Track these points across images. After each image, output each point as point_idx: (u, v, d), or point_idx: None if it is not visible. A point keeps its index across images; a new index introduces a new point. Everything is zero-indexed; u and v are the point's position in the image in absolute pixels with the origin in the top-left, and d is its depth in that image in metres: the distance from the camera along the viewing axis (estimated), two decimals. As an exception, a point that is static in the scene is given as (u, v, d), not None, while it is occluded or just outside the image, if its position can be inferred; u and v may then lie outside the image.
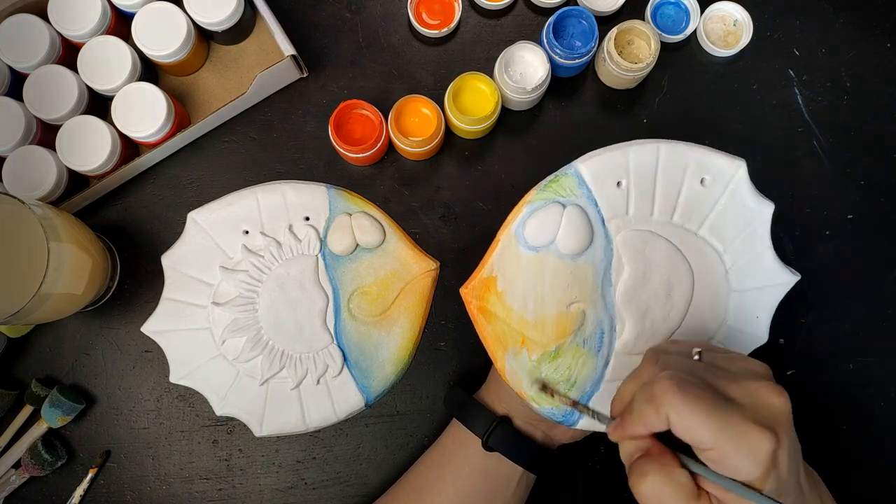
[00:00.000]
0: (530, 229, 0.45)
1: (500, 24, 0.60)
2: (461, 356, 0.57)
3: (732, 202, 0.46)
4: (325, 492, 0.56)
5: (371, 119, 0.56)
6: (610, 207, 0.45)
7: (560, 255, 0.45)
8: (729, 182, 0.45)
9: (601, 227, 0.45)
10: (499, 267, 0.46)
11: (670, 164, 0.45)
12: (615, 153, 0.45)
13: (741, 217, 0.46)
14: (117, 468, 0.56)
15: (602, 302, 0.45)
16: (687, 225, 0.46)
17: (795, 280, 0.46)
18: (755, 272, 0.46)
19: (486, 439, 0.48)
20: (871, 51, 0.60)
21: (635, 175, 0.45)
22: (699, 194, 0.46)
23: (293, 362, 0.53)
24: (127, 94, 0.53)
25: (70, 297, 0.49)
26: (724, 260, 0.46)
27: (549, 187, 0.45)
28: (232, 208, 0.54)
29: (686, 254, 0.45)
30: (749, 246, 0.46)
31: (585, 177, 0.45)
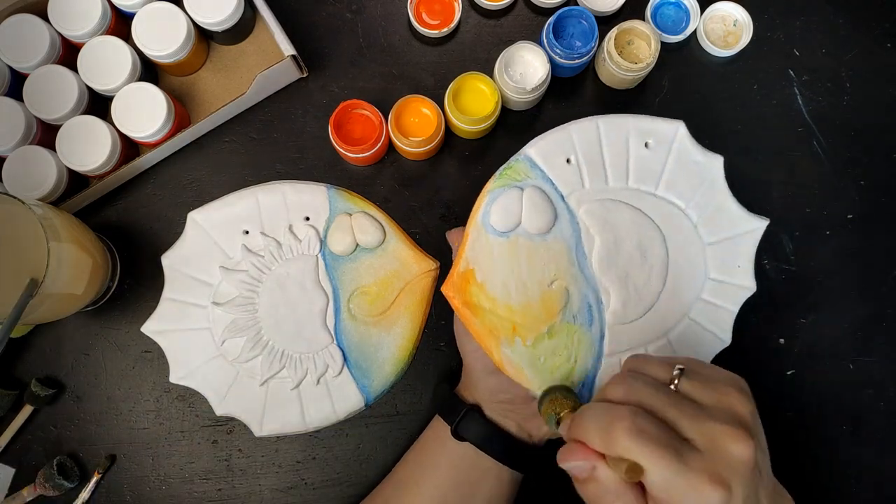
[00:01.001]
0: (495, 216, 0.47)
1: (500, 24, 0.60)
2: (460, 356, 0.57)
3: (681, 160, 0.48)
4: (325, 492, 0.56)
5: (371, 119, 0.56)
6: (566, 183, 0.48)
7: (529, 235, 0.47)
8: (672, 141, 0.48)
9: (562, 203, 0.47)
10: (473, 259, 0.47)
11: (611, 134, 0.48)
12: (558, 134, 0.48)
13: (693, 173, 0.48)
14: (117, 468, 0.56)
15: (581, 276, 0.47)
16: (643, 187, 0.48)
17: (764, 224, 0.48)
18: (723, 222, 0.48)
19: (455, 427, 0.48)
20: (871, 51, 0.60)
21: (581, 150, 0.48)
22: (646, 157, 0.48)
23: (293, 362, 0.53)
24: (127, 94, 0.53)
25: (70, 297, 0.49)
26: (688, 215, 0.48)
27: (504, 174, 0.48)
28: (232, 208, 0.54)
29: (650, 214, 0.48)
30: (709, 198, 0.48)
31: (536, 159, 0.48)
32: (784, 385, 0.57)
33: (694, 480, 0.30)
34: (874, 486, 0.56)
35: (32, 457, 0.56)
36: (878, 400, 0.57)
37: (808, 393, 0.57)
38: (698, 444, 0.31)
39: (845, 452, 0.56)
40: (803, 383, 0.57)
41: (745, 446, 0.31)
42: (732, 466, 0.31)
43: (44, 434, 0.56)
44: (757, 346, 0.57)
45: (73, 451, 0.56)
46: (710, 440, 0.31)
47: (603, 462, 0.32)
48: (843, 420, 0.56)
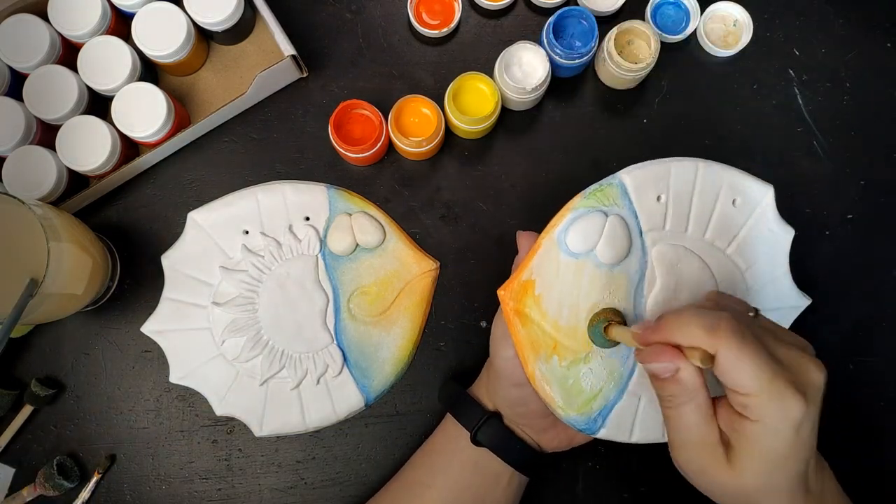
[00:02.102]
0: (573, 236, 0.45)
1: (500, 24, 0.60)
2: (461, 356, 0.57)
3: (759, 225, 0.47)
4: (325, 492, 0.56)
5: (371, 119, 0.56)
6: (648, 220, 0.46)
7: (598, 263, 0.45)
8: (757, 206, 0.47)
9: (638, 239, 0.46)
10: (538, 271, 0.46)
11: (706, 183, 0.47)
12: (658, 167, 0.46)
13: (765, 240, 0.47)
14: (117, 468, 0.56)
15: (633, 312, 0.46)
16: (717, 243, 0.47)
17: (806, 304, 0.48)
18: (772, 293, 0.48)
19: (474, 434, 0.48)
20: (871, 51, 0.60)
21: (674, 191, 0.46)
22: (730, 214, 0.47)
23: (293, 362, 0.53)
24: (127, 94, 0.53)
25: (70, 297, 0.49)
26: (745, 278, 0.47)
27: (593, 195, 0.46)
28: (232, 208, 0.54)
29: (714, 271, 0.47)
30: (770, 268, 0.48)
31: (629, 188, 0.46)
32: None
33: (781, 387, 0.33)
34: (874, 486, 0.56)
35: (32, 457, 0.56)
36: (879, 400, 0.57)
37: (808, 393, 0.57)
38: (784, 362, 0.34)
39: (845, 452, 0.56)
40: (803, 383, 0.57)
41: (821, 372, 0.35)
42: (810, 385, 0.34)
43: (44, 434, 0.56)
44: (757, 346, 0.57)
45: (73, 451, 0.56)
46: (793, 360, 0.34)
47: (687, 363, 0.35)
48: (843, 420, 0.56)
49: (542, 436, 0.49)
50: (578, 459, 0.56)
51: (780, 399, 0.33)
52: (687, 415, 0.35)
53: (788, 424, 0.33)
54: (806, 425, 0.33)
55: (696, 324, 0.34)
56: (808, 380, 0.34)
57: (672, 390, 0.36)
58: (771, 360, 0.33)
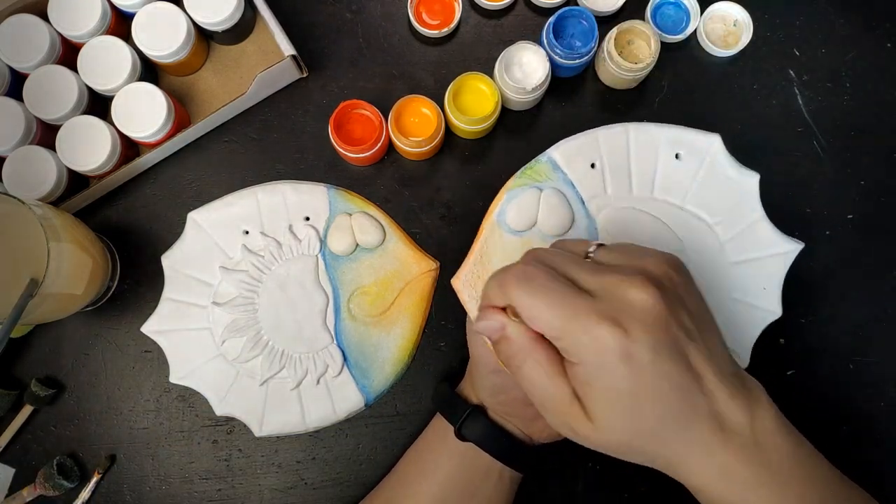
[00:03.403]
0: (511, 215, 0.47)
1: (500, 24, 0.60)
2: (461, 356, 0.57)
3: (713, 173, 0.46)
4: (325, 492, 0.56)
5: (371, 119, 0.56)
6: (588, 188, 0.47)
7: (543, 236, 0.47)
8: (705, 154, 0.46)
9: (581, 207, 0.47)
10: (486, 255, 0.47)
11: (641, 142, 0.47)
12: (585, 138, 0.47)
13: (726, 188, 0.46)
14: (117, 468, 0.56)
15: None
16: (669, 199, 0.47)
17: (798, 248, 0.46)
18: (752, 242, 0.47)
19: (458, 427, 0.48)
20: (871, 51, 0.60)
21: (608, 155, 0.47)
22: (676, 168, 0.46)
23: (293, 362, 0.53)
24: (127, 94, 0.53)
25: (70, 297, 0.49)
26: (716, 231, 0.47)
27: (525, 174, 0.48)
28: (232, 208, 0.54)
29: (673, 227, 0.46)
30: (740, 216, 0.46)
31: (558, 161, 0.47)
32: (784, 385, 0.57)
33: (585, 320, 0.30)
34: (874, 486, 0.56)
35: (32, 457, 0.56)
36: (879, 400, 0.57)
37: (808, 393, 0.57)
38: (593, 291, 0.31)
39: (845, 452, 0.56)
40: (803, 383, 0.57)
41: (643, 292, 0.30)
42: (629, 310, 0.30)
43: (44, 434, 0.56)
44: (757, 346, 0.57)
45: (73, 451, 0.56)
46: (604, 288, 0.31)
47: (508, 319, 0.33)
48: (843, 420, 0.56)
49: (532, 426, 0.49)
50: (578, 459, 0.56)
51: (585, 332, 0.30)
52: (529, 373, 0.33)
53: (611, 357, 0.29)
54: (640, 353, 0.29)
55: (491, 282, 0.34)
56: (622, 304, 0.30)
57: (506, 350, 0.34)
58: (569, 295, 0.30)
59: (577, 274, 0.32)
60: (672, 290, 0.32)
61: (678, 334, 0.31)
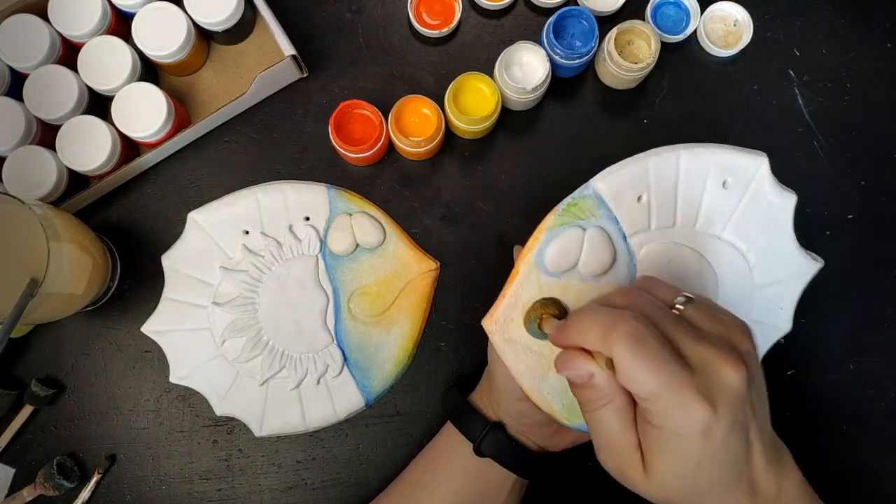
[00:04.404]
0: (550, 257, 0.43)
1: (500, 24, 0.60)
2: (461, 356, 0.57)
3: (755, 200, 0.44)
4: (325, 492, 0.56)
5: (371, 119, 0.56)
6: (631, 223, 0.43)
7: (583, 277, 0.43)
8: (751, 180, 0.44)
9: (623, 244, 0.44)
10: (520, 298, 0.43)
11: (691, 171, 0.44)
12: (634, 167, 0.43)
13: (764, 214, 0.44)
14: (117, 468, 0.56)
15: None
16: (710, 230, 0.44)
17: (818, 268, 0.45)
18: (778, 265, 0.45)
19: (477, 444, 0.48)
20: (871, 51, 0.60)
21: (656, 188, 0.43)
22: (721, 199, 0.44)
23: (293, 362, 0.53)
24: (127, 94, 0.53)
25: (70, 297, 0.49)
26: (747, 259, 0.45)
27: (567, 211, 0.43)
28: (232, 208, 0.54)
29: (710, 259, 0.44)
30: (773, 241, 0.45)
31: (604, 196, 0.43)
32: (784, 385, 0.57)
33: (683, 394, 0.31)
34: (874, 486, 0.56)
35: (32, 457, 0.56)
36: (879, 400, 0.57)
37: (808, 393, 0.57)
38: (693, 363, 0.32)
39: (845, 452, 0.56)
40: (803, 383, 0.57)
41: (736, 373, 0.32)
42: (721, 389, 0.31)
43: (44, 434, 0.56)
44: (757, 346, 0.57)
45: (73, 451, 0.56)
46: (703, 361, 0.32)
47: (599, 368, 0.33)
48: (843, 420, 0.56)
49: (549, 440, 0.49)
50: (578, 459, 0.56)
51: (680, 406, 0.31)
52: (604, 419, 0.34)
53: (693, 431, 0.31)
54: (718, 430, 0.31)
55: (592, 327, 0.33)
56: (718, 383, 0.31)
57: (588, 395, 0.34)
58: (672, 364, 0.31)
59: (678, 338, 0.33)
60: (751, 366, 0.33)
61: (748, 411, 0.33)
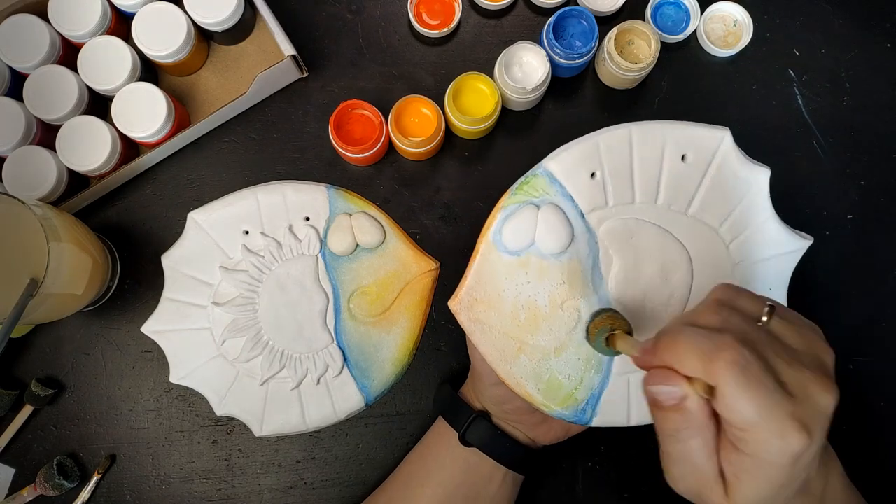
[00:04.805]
0: (507, 234, 0.44)
1: (500, 24, 0.60)
2: (461, 356, 0.57)
3: (721, 176, 0.44)
4: (325, 492, 0.56)
5: (371, 119, 0.56)
6: (587, 200, 0.44)
7: (542, 255, 0.44)
8: (714, 155, 0.43)
9: (581, 222, 0.44)
10: (482, 276, 0.44)
11: (645, 146, 0.43)
12: (584, 144, 0.43)
13: (734, 189, 0.44)
14: (117, 468, 0.56)
15: (595, 296, 0.44)
16: (674, 206, 0.44)
17: (807, 245, 0.44)
18: (760, 242, 0.44)
19: (462, 434, 0.48)
20: (871, 51, 0.60)
21: (609, 164, 0.43)
22: (682, 173, 0.43)
23: (293, 362, 0.53)
24: (127, 94, 0.53)
25: (70, 297, 0.49)
26: (721, 235, 0.44)
27: (520, 190, 0.44)
28: (232, 208, 0.54)
29: (678, 235, 0.44)
30: (749, 217, 0.44)
31: (556, 174, 0.44)
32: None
33: (783, 424, 0.29)
34: (874, 486, 0.56)
35: (32, 457, 0.56)
36: (879, 400, 0.57)
37: (808, 393, 0.57)
38: (791, 388, 0.30)
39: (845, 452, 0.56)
40: (803, 383, 0.57)
41: (831, 397, 0.31)
42: (817, 415, 0.30)
43: (44, 434, 0.56)
44: (757, 346, 0.57)
45: (73, 451, 0.56)
46: (802, 387, 0.31)
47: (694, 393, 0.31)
48: (843, 420, 0.56)
49: (536, 430, 0.49)
50: (578, 459, 0.56)
51: (780, 436, 0.29)
52: (693, 450, 0.32)
53: (787, 459, 0.30)
54: (809, 455, 0.30)
55: (693, 351, 0.30)
56: (814, 409, 0.30)
57: (677, 422, 0.32)
58: (775, 392, 0.30)
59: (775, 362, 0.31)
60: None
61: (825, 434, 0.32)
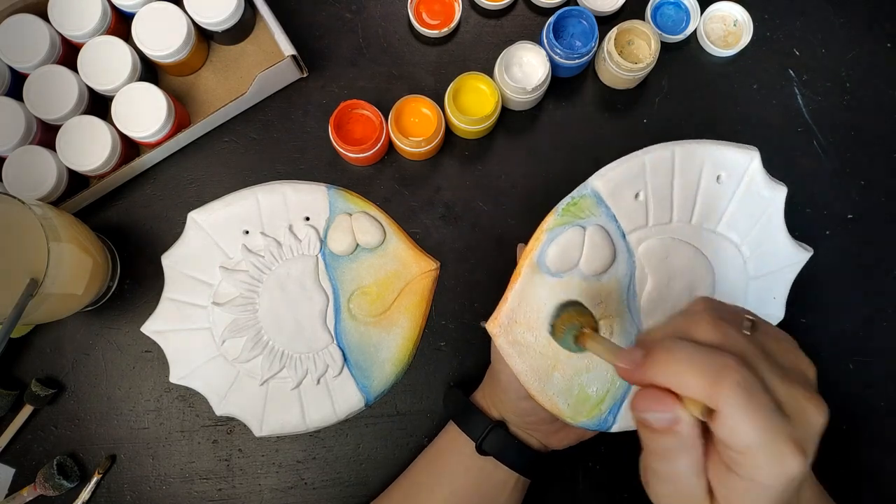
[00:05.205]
0: (552, 257, 0.43)
1: (500, 24, 0.60)
2: (461, 356, 0.57)
3: (748, 194, 0.45)
4: (325, 492, 0.56)
5: (371, 119, 0.56)
6: (629, 221, 0.44)
7: (584, 276, 0.44)
8: (743, 175, 0.45)
9: (622, 242, 0.44)
10: (525, 299, 0.44)
11: (686, 167, 0.44)
12: (630, 164, 0.44)
13: (756, 207, 0.45)
14: (117, 468, 0.56)
15: (627, 313, 0.45)
16: (705, 224, 0.45)
17: (808, 256, 0.46)
18: (771, 256, 0.46)
19: (479, 443, 0.48)
20: (871, 51, 0.60)
21: (652, 184, 0.44)
22: (715, 193, 0.45)
23: (293, 362, 0.53)
24: (127, 94, 0.53)
25: (70, 297, 0.49)
26: (741, 252, 0.46)
27: (567, 211, 0.44)
28: (232, 208, 0.54)
29: (706, 253, 0.45)
30: (765, 234, 0.46)
31: (603, 194, 0.44)
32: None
33: (783, 448, 0.28)
34: (874, 486, 0.56)
35: (32, 457, 0.56)
36: (879, 400, 0.57)
37: (808, 393, 0.57)
38: (787, 408, 0.30)
39: (845, 452, 0.56)
40: (803, 383, 0.57)
41: (822, 415, 0.30)
42: (811, 435, 0.30)
43: (44, 434, 0.56)
44: (757, 346, 0.57)
45: (73, 451, 0.56)
46: (796, 405, 0.30)
47: (688, 415, 0.30)
48: (843, 420, 0.56)
49: (551, 438, 0.49)
50: (578, 459, 0.56)
51: (779, 460, 0.28)
52: (681, 470, 0.31)
53: (783, 484, 0.29)
54: (801, 475, 0.29)
55: (695, 372, 0.29)
56: (809, 429, 0.30)
57: (666, 443, 0.30)
58: (775, 414, 0.29)
59: (771, 380, 0.30)
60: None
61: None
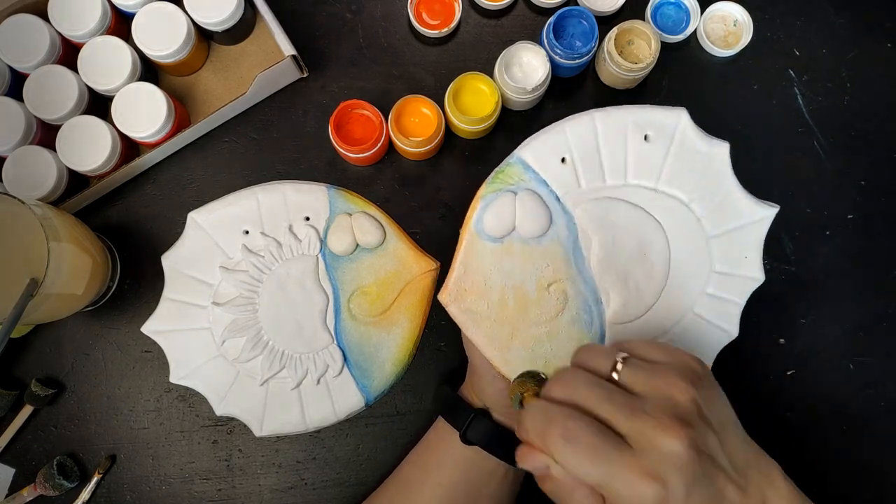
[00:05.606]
0: (488, 222, 0.46)
1: (500, 24, 0.60)
2: (461, 356, 0.57)
3: (683, 150, 0.46)
4: (325, 492, 0.56)
5: (371, 119, 0.56)
6: (561, 184, 0.46)
7: (524, 240, 0.46)
8: (674, 132, 0.46)
9: (557, 205, 0.46)
10: (468, 266, 0.46)
11: (609, 130, 0.46)
12: (552, 133, 0.46)
13: (697, 163, 0.46)
14: (117, 468, 0.56)
15: (580, 277, 0.46)
16: (643, 183, 0.46)
17: (774, 212, 0.46)
18: (729, 213, 0.47)
19: (463, 432, 0.48)
20: (871, 51, 0.60)
21: (577, 148, 0.46)
22: (646, 151, 0.46)
23: (293, 362, 0.53)
24: (127, 94, 0.53)
25: (70, 297, 0.49)
26: (692, 208, 0.47)
27: (496, 179, 0.47)
28: (232, 208, 0.54)
29: (651, 210, 0.46)
30: (715, 189, 0.46)
31: (529, 161, 0.47)
32: (784, 385, 0.57)
33: (628, 477, 0.30)
34: (874, 486, 0.56)
35: (32, 457, 0.56)
36: (879, 400, 0.57)
37: (808, 393, 0.57)
38: (631, 440, 0.31)
39: (845, 452, 0.56)
40: (803, 383, 0.57)
41: (674, 439, 0.31)
42: (664, 461, 0.30)
43: (44, 434, 0.56)
44: (757, 345, 0.57)
45: (73, 451, 0.56)
46: (641, 435, 0.31)
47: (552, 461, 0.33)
48: (843, 420, 0.56)
49: None
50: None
51: (629, 489, 0.30)
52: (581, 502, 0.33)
53: None
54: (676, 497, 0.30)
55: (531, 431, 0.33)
56: (660, 457, 0.30)
57: (550, 487, 0.34)
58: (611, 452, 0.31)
59: (612, 415, 0.32)
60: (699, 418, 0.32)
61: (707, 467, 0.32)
